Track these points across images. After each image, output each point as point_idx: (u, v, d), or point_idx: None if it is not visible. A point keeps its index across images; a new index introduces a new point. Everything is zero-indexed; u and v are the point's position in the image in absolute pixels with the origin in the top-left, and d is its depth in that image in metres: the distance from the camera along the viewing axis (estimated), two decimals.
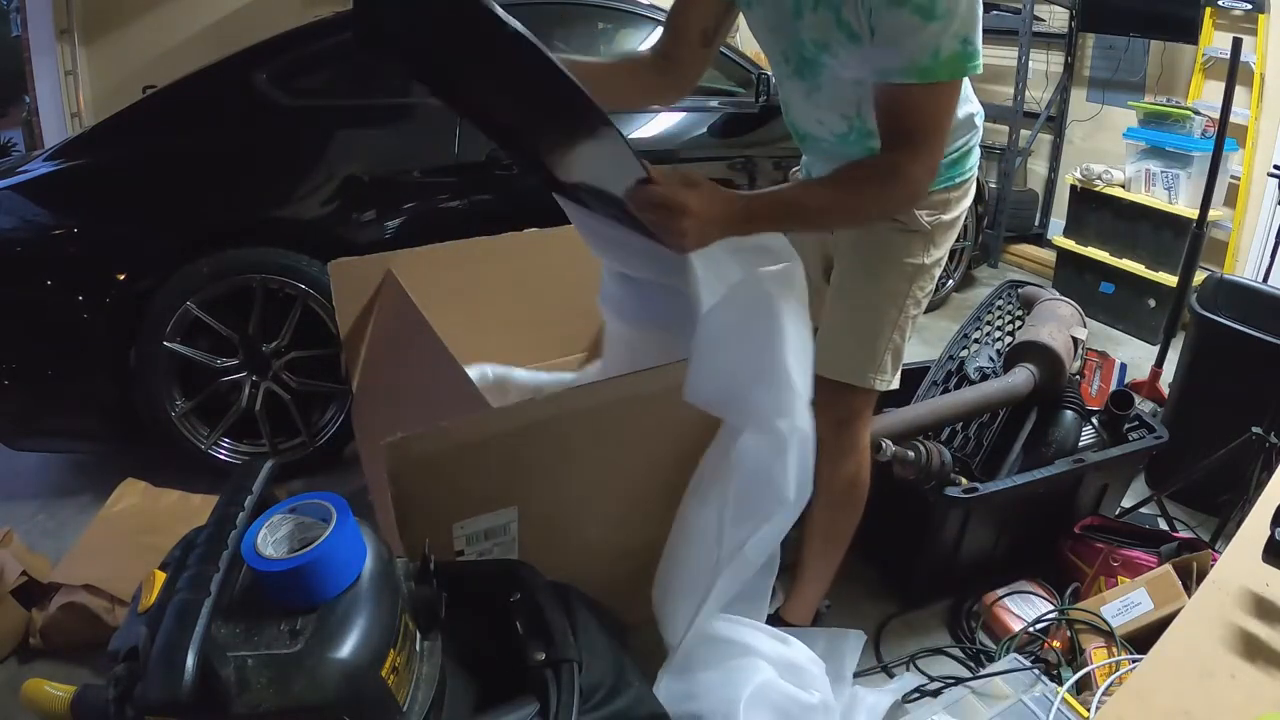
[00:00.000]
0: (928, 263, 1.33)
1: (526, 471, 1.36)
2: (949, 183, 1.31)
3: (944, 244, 1.35)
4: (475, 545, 1.36)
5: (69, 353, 1.97)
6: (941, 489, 1.62)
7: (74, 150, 2.12)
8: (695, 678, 1.32)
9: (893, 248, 1.31)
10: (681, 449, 1.36)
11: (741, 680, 1.31)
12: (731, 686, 1.30)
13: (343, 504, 0.82)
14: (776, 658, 1.37)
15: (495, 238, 1.97)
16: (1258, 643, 0.80)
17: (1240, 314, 2.12)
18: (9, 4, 4.09)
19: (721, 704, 1.28)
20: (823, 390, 1.27)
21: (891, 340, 1.35)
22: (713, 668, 1.32)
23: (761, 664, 1.35)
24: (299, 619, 0.76)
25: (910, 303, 1.35)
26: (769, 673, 1.34)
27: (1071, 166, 3.73)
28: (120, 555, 1.68)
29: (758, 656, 1.35)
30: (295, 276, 2.06)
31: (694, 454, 1.33)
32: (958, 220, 1.35)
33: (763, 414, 1.11)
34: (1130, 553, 1.72)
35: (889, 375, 1.37)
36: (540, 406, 1.35)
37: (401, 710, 0.81)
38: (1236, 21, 3.17)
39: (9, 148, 4.14)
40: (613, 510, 1.51)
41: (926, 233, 1.31)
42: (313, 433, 2.20)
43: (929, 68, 1.00)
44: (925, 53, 1.00)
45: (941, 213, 1.31)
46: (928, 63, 1.00)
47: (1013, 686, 1.45)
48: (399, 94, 2.29)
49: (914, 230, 1.30)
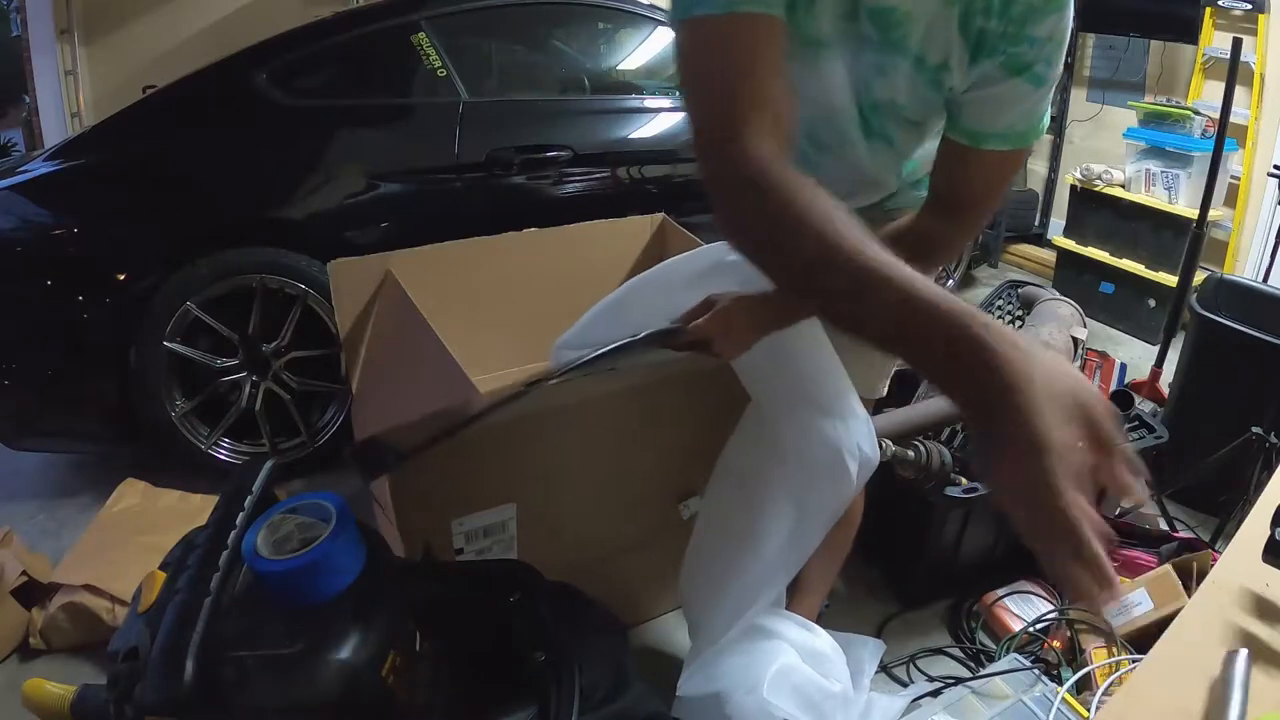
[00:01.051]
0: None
1: (523, 465, 1.36)
2: None
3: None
4: (474, 543, 1.36)
5: (69, 353, 1.97)
6: (941, 489, 1.61)
7: (74, 150, 2.12)
8: (718, 661, 1.31)
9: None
10: (681, 444, 1.36)
11: (764, 661, 1.31)
12: (755, 667, 1.30)
13: (343, 504, 0.82)
14: (800, 643, 1.37)
15: (495, 238, 1.97)
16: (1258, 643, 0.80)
17: (1240, 314, 2.12)
18: (9, 4, 4.09)
19: (744, 682, 1.28)
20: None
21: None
22: (736, 650, 1.32)
23: (785, 647, 1.34)
24: (299, 619, 0.76)
25: None
26: (792, 656, 1.34)
27: (1071, 166, 3.73)
28: (120, 555, 1.68)
29: (781, 640, 1.35)
30: (295, 276, 2.06)
31: (694, 450, 1.32)
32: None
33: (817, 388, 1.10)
34: (1130, 553, 1.72)
35: (890, 381, 1.38)
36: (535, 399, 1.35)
37: (401, 710, 0.81)
38: (1236, 21, 3.17)
39: (9, 148, 4.14)
40: (612, 508, 1.51)
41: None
42: (313, 433, 2.20)
43: (1025, 134, 0.92)
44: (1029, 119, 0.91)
45: None
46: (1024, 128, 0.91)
47: (1013, 686, 1.45)
48: (399, 94, 2.29)
49: None
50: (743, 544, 1.25)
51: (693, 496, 1.57)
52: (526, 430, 1.33)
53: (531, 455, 1.37)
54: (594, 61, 2.69)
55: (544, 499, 1.41)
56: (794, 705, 1.30)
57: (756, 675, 1.29)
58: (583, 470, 1.45)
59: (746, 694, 1.28)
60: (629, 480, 1.50)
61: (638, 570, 1.63)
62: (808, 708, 1.31)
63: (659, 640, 1.68)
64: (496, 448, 1.32)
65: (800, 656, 1.35)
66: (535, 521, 1.41)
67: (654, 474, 1.52)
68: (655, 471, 1.51)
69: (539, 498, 1.40)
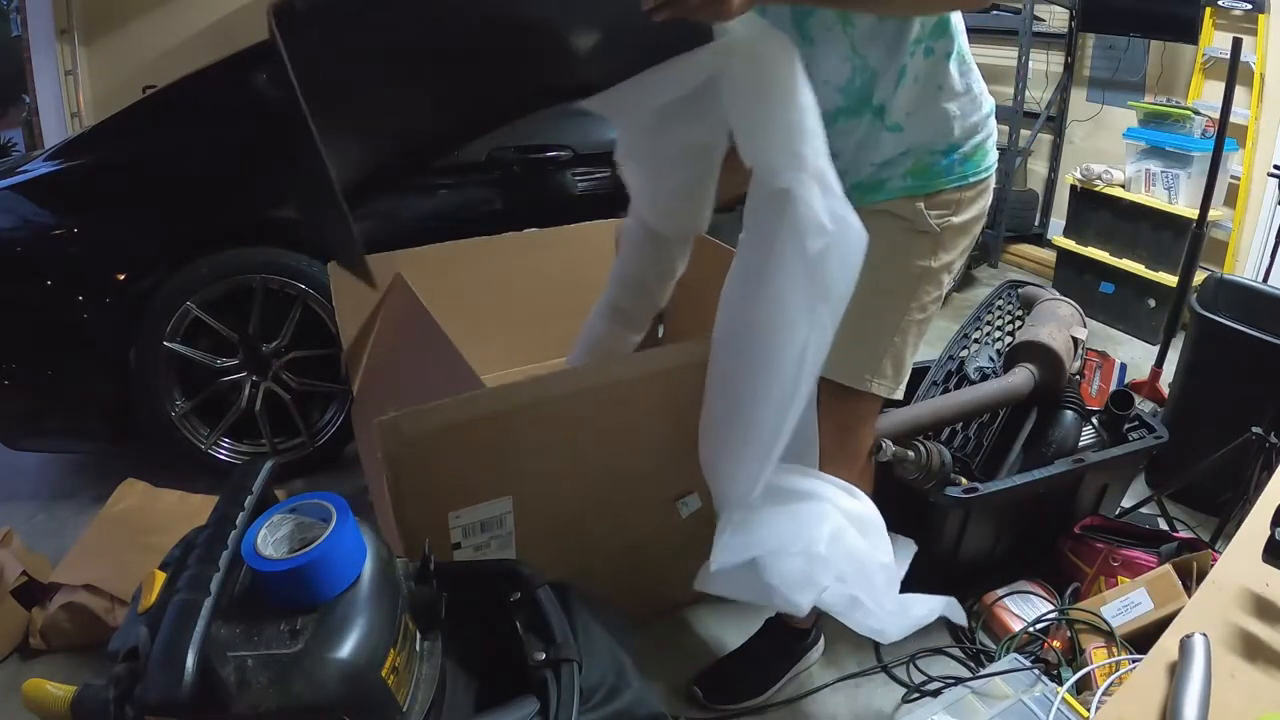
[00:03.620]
0: (935, 266, 1.26)
1: (520, 457, 1.37)
2: (960, 181, 1.23)
3: (955, 248, 1.27)
4: (472, 539, 1.36)
5: (69, 353, 1.97)
6: (941, 489, 1.62)
7: (74, 150, 2.12)
8: (758, 527, 1.23)
9: (897, 247, 1.25)
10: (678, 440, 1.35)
11: (814, 520, 1.23)
12: (804, 527, 1.22)
13: (343, 504, 0.82)
14: (846, 508, 1.29)
15: (495, 238, 1.98)
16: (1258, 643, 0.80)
17: (1240, 314, 2.12)
18: (9, 4, 4.09)
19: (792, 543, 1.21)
20: (823, 393, 1.25)
21: (891, 343, 1.27)
22: (777, 512, 1.24)
23: (832, 510, 1.27)
24: (299, 619, 0.76)
25: (914, 307, 1.27)
26: (840, 519, 1.26)
27: (1071, 166, 3.73)
28: (120, 555, 1.68)
29: (826, 502, 1.27)
30: (295, 276, 2.06)
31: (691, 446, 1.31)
32: (971, 224, 1.28)
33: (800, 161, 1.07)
34: (1130, 553, 1.72)
35: (889, 381, 1.30)
36: (531, 389, 1.35)
37: (401, 710, 0.81)
38: (1236, 21, 3.17)
39: (9, 148, 4.14)
40: (609, 504, 1.51)
41: (935, 234, 1.24)
42: (313, 433, 2.20)
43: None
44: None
45: (952, 214, 1.24)
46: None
47: (1013, 686, 1.45)
48: None
49: (922, 230, 1.24)
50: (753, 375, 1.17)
51: (690, 494, 1.57)
52: (522, 421, 1.33)
53: (527, 447, 1.37)
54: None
55: (540, 493, 1.41)
56: (849, 567, 1.23)
57: (809, 535, 1.21)
58: (579, 464, 1.45)
59: (795, 555, 1.20)
60: (626, 476, 1.50)
61: (637, 568, 1.63)
62: (860, 575, 1.25)
63: (660, 639, 1.68)
64: (492, 439, 1.32)
65: (847, 520, 1.27)
66: (533, 517, 1.41)
67: (651, 471, 1.52)
68: (652, 468, 1.51)
69: (535, 491, 1.40)
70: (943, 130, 1.21)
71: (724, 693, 1.55)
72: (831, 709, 1.56)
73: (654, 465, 1.51)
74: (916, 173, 1.23)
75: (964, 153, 1.23)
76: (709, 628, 1.72)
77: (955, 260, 1.29)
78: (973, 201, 1.27)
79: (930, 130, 1.20)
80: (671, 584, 1.73)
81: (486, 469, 1.35)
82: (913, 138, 1.20)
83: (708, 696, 1.54)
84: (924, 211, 1.23)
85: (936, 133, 1.21)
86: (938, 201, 1.24)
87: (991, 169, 1.28)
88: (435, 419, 1.25)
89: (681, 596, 1.75)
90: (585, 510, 1.49)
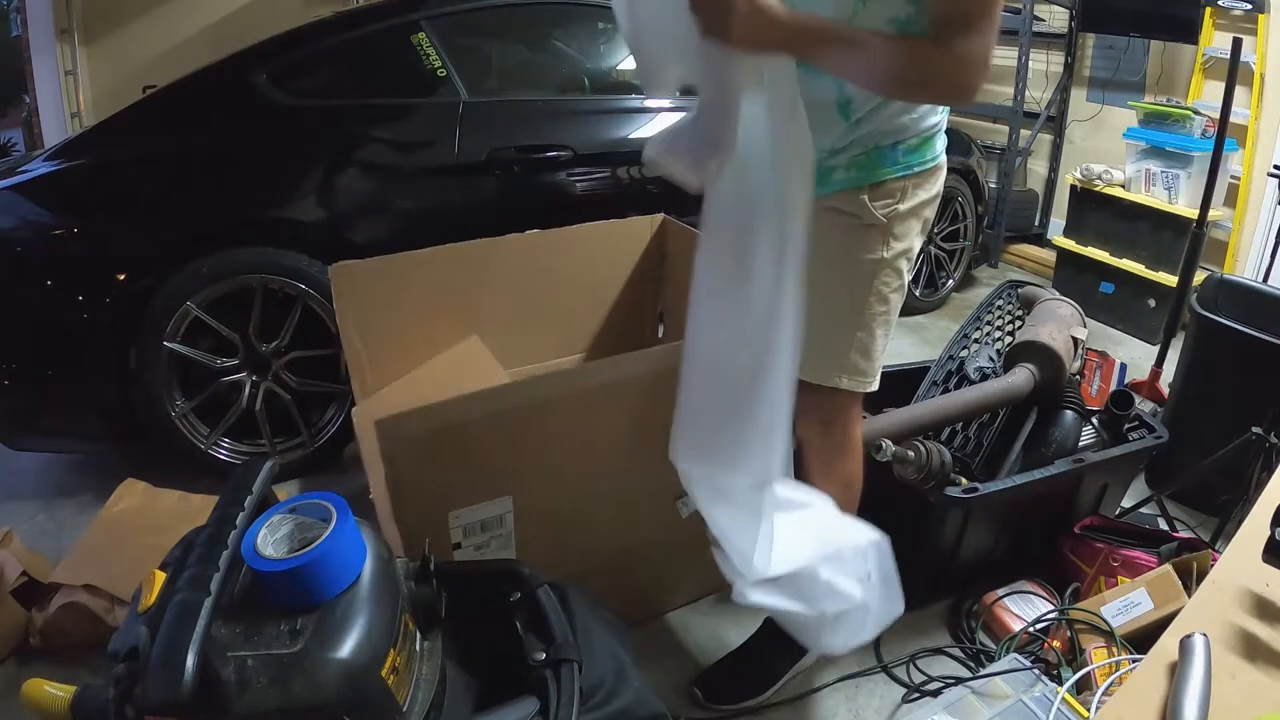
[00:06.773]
0: (888, 256, 1.26)
1: (519, 457, 1.37)
2: (905, 171, 1.24)
3: (907, 235, 1.27)
4: (472, 538, 1.36)
5: (69, 352, 1.97)
6: (941, 489, 1.61)
7: (74, 150, 2.12)
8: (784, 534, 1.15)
9: (848, 243, 1.25)
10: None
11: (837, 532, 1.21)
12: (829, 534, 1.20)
13: (343, 504, 0.82)
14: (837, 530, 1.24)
15: (495, 238, 1.97)
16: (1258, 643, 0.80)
17: (1240, 314, 2.12)
18: (9, 4, 4.09)
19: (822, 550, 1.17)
20: (800, 392, 1.25)
21: (856, 339, 1.28)
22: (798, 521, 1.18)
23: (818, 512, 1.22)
24: (299, 619, 0.76)
25: (874, 299, 1.27)
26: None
27: (1071, 166, 3.73)
28: (120, 555, 1.68)
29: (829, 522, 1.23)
30: (295, 277, 2.06)
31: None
32: (921, 208, 1.28)
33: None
34: (1130, 553, 1.72)
35: (864, 376, 1.30)
36: (531, 388, 1.36)
37: (401, 710, 0.81)
38: (1236, 21, 3.17)
39: (9, 148, 4.14)
40: (609, 504, 1.51)
41: (883, 225, 1.25)
42: (313, 433, 2.20)
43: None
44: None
45: (898, 202, 1.24)
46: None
47: (1013, 686, 1.45)
48: (399, 94, 2.29)
49: (868, 224, 1.25)
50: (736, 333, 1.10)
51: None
52: (522, 421, 1.34)
53: (527, 446, 1.37)
54: (594, 61, 2.69)
55: (541, 492, 1.41)
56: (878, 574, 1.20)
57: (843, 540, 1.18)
58: (579, 464, 1.45)
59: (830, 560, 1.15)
60: (626, 476, 1.50)
61: (638, 568, 1.63)
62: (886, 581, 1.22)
63: (660, 639, 1.68)
64: (492, 439, 1.32)
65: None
66: (533, 517, 1.41)
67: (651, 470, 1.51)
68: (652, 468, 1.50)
69: (535, 491, 1.40)
70: (896, 130, 1.22)
71: (724, 693, 1.55)
72: (831, 709, 1.56)
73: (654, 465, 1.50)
74: (861, 164, 1.23)
75: (910, 145, 1.24)
76: (709, 628, 1.72)
77: (911, 245, 1.29)
78: (918, 187, 1.27)
79: (884, 131, 1.22)
80: (671, 584, 1.73)
81: (486, 469, 1.35)
82: (866, 131, 1.21)
83: (708, 696, 1.54)
84: (868, 204, 1.24)
85: (889, 132, 1.22)
86: (882, 191, 1.24)
87: (939, 158, 1.28)
88: (435, 419, 1.25)
89: (681, 596, 1.75)
90: (585, 510, 1.49)
